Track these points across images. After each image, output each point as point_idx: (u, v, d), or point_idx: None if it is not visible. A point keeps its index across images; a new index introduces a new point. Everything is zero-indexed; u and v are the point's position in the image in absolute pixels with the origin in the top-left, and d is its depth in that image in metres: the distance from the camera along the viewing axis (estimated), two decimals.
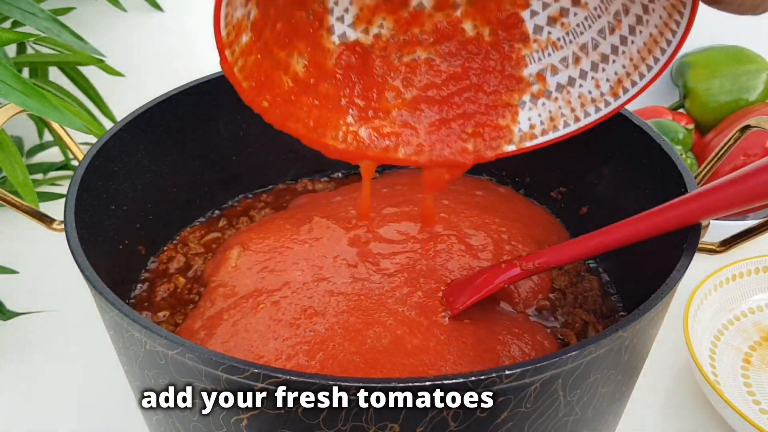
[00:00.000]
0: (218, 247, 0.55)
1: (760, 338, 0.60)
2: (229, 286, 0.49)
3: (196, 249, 0.55)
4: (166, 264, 0.54)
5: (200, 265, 0.53)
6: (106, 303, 0.37)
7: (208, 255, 0.55)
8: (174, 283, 0.52)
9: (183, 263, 0.54)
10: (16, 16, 0.59)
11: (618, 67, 0.41)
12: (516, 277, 0.45)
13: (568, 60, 0.43)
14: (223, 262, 0.52)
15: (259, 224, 0.56)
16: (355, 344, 0.43)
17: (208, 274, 0.52)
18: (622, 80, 0.41)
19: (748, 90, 0.82)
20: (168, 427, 0.40)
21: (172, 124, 0.54)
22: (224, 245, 0.54)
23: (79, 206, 0.44)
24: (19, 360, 0.61)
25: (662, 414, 0.56)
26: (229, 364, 0.33)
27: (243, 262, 0.51)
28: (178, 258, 0.54)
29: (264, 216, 0.58)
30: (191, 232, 0.57)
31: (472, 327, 0.45)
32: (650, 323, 0.39)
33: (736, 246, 0.44)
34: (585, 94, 0.43)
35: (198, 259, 0.54)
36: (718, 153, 0.49)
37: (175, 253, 0.55)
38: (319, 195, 0.60)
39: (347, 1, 0.43)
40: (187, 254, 0.55)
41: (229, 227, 0.58)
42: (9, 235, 0.73)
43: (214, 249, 0.55)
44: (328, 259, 0.50)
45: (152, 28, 0.85)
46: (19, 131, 0.84)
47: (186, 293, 0.52)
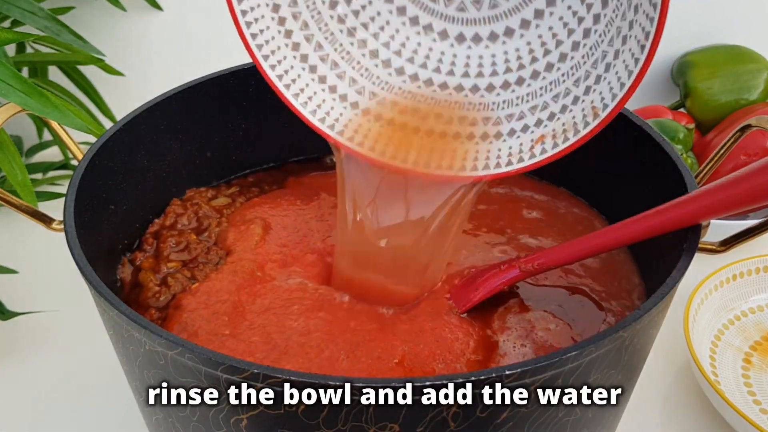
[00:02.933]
0: (233, 213, 0.55)
1: (761, 338, 0.60)
2: (256, 261, 0.49)
3: (207, 210, 0.55)
4: (174, 219, 0.54)
5: (214, 229, 0.53)
6: (106, 303, 0.37)
7: (222, 219, 0.55)
8: (186, 238, 0.52)
9: (195, 222, 0.54)
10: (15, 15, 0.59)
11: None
12: (516, 278, 0.45)
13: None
14: (247, 235, 0.52)
15: (270, 196, 0.57)
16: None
17: (230, 242, 0.52)
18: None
19: (749, 89, 0.82)
20: (168, 427, 0.40)
21: (172, 123, 0.54)
22: (242, 215, 0.54)
23: (78, 206, 0.44)
24: (19, 360, 0.61)
25: (662, 414, 0.56)
26: (229, 364, 0.33)
27: (268, 239, 0.51)
28: (188, 215, 0.54)
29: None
30: (198, 192, 0.57)
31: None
32: (650, 323, 0.39)
33: (737, 246, 0.44)
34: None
35: (212, 222, 0.54)
36: (719, 152, 0.48)
37: (184, 210, 0.55)
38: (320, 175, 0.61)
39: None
40: (198, 213, 0.54)
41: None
42: (8, 235, 0.73)
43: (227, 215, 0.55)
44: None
45: (152, 28, 0.85)
46: (18, 131, 0.84)
47: (204, 252, 0.51)
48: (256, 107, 0.58)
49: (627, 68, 0.38)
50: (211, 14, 0.83)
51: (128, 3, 0.83)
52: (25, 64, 0.75)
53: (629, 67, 0.38)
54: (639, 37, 0.37)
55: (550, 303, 0.47)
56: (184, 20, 0.85)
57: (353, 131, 0.45)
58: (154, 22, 0.85)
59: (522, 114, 0.43)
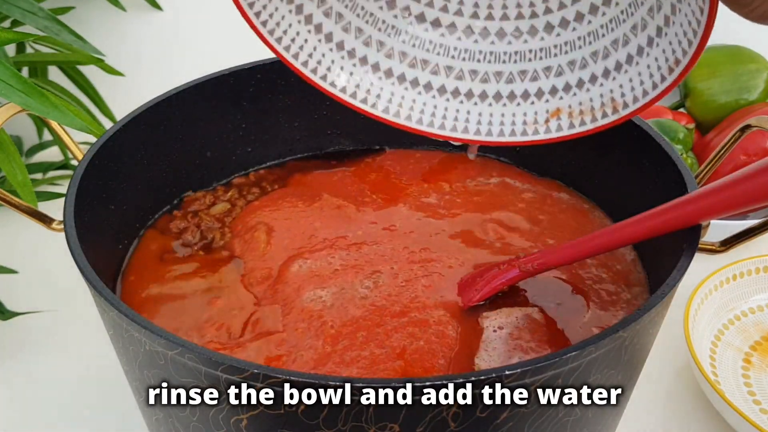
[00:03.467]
0: (234, 221, 0.55)
1: (761, 338, 0.60)
2: (265, 269, 0.50)
3: (209, 222, 0.55)
4: (179, 234, 0.54)
5: (218, 241, 0.53)
6: (106, 303, 0.37)
7: (224, 229, 0.55)
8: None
9: (199, 236, 0.54)
10: (15, 15, 0.59)
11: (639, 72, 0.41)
12: (516, 278, 0.45)
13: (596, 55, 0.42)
14: (252, 244, 0.52)
15: (270, 198, 0.57)
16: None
17: (238, 254, 0.52)
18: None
19: (749, 89, 0.82)
20: (167, 427, 0.40)
21: (172, 123, 0.54)
22: (244, 223, 0.55)
23: (78, 206, 0.44)
24: (19, 360, 0.61)
25: (662, 414, 0.56)
26: (229, 364, 0.33)
27: (273, 244, 0.52)
28: (192, 229, 0.54)
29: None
30: (195, 198, 0.57)
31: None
32: (650, 323, 0.39)
33: (737, 246, 0.44)
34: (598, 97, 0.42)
35: (215, 234, 0.54)
36: (719, 153, 0.48)
37: (186, 223, 0.55)
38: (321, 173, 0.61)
39: None
40: (200, 226, 0.54)
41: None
42: (8, 235, 0.73)
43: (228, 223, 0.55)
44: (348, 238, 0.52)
45: (152, 28, 0.85)
46: (18, 131, 0.84)
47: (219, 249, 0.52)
48: (256, 107, 0.58)
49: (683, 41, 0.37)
50: (210, 14, 0.84)
51: (128, 3, 0.83)
52: (25, 64, 0.75)
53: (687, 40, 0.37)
54: (688, 29, 0.37)
55: (549, 300, 0.47)
56: (184, 20, 0.85)
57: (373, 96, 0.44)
58: (153, 22, 0.85)
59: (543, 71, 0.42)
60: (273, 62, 0.57)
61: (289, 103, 0.59)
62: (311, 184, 0.59)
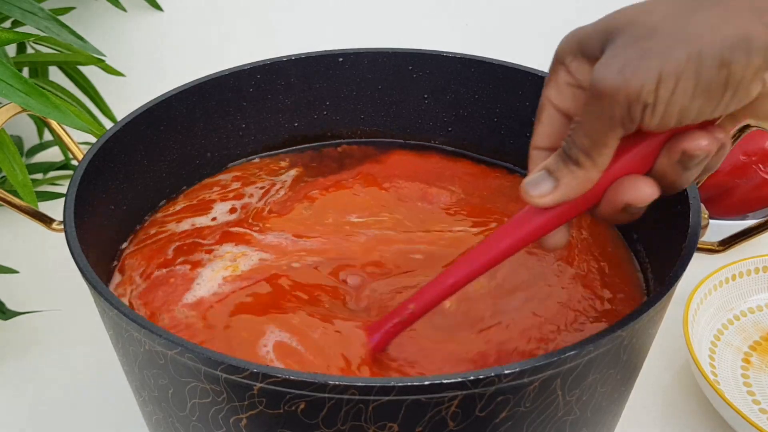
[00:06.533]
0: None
1: (760, 338, 0.60)
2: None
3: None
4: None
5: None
6: (106, 303, 0.37)
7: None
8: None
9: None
10: (16, 16, 0.59)
11: None
12: (399, 325, 0.41)
13: None
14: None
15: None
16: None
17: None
18: None
19: None
20: (167, 426, 0.40)
21: (172, 124, 0.54)
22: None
23: (78, 206, 0.44)
24: (19, 360, 0.61)
25: (662, 414, 0.56)
26: (228, 364, 0.33)
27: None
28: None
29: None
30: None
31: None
32: (650, 323, 0.39)
33: (736, 246, 0.44)
34: None
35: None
36: None
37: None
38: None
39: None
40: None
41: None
42: (8, 235, 0.73)
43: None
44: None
45: (152, 28, 0.85)
46: (18, 131, 0.84)
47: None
48: (256, 107, 0.58)
49: None
50: (211, 14, 0.84)
51: (128, 3, 0.83)
52: (25, 65, 0.75)
53: None
54: None
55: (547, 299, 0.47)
56: (184, 20, 0.86)
57: None
58: (154, 22, 0.85)
59: None
60: (273, 62, 0.57)
61: (289, 103, 0.59)
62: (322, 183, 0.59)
